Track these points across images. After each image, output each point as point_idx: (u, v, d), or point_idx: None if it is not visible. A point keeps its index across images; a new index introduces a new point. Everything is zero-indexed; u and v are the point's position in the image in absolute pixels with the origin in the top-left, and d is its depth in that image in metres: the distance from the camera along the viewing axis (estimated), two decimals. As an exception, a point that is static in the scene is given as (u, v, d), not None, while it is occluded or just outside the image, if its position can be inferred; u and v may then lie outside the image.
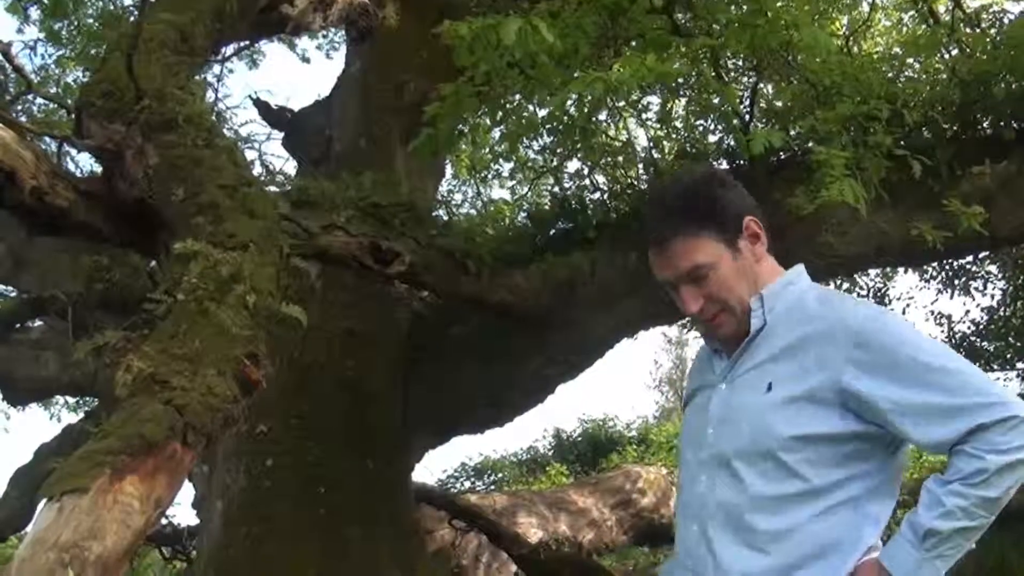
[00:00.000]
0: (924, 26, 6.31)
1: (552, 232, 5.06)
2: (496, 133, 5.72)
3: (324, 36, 9.38)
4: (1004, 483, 1.77)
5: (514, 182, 8.71)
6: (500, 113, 4.59)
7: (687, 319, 5.30)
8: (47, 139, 4.50)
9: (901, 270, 8.87)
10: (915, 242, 4.29)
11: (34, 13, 7.66)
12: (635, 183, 5.55)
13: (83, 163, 7.04)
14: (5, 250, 6.24)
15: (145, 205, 3.30)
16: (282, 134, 7.03)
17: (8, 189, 3.08)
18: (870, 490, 1.91)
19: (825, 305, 1.99)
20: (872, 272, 9.04)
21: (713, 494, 1.97)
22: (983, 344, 9.04)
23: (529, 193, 8.01)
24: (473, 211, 9.30)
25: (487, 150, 7.11)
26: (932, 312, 9.34)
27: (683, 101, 5.65)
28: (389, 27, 6.22)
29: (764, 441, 1.90)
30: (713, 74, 4.60)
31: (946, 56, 5.16)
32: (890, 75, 5.03)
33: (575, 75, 3.96)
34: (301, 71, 45.24)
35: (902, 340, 1.88)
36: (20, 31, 8.26)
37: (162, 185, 3.23)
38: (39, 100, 7.38)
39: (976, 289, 8.71)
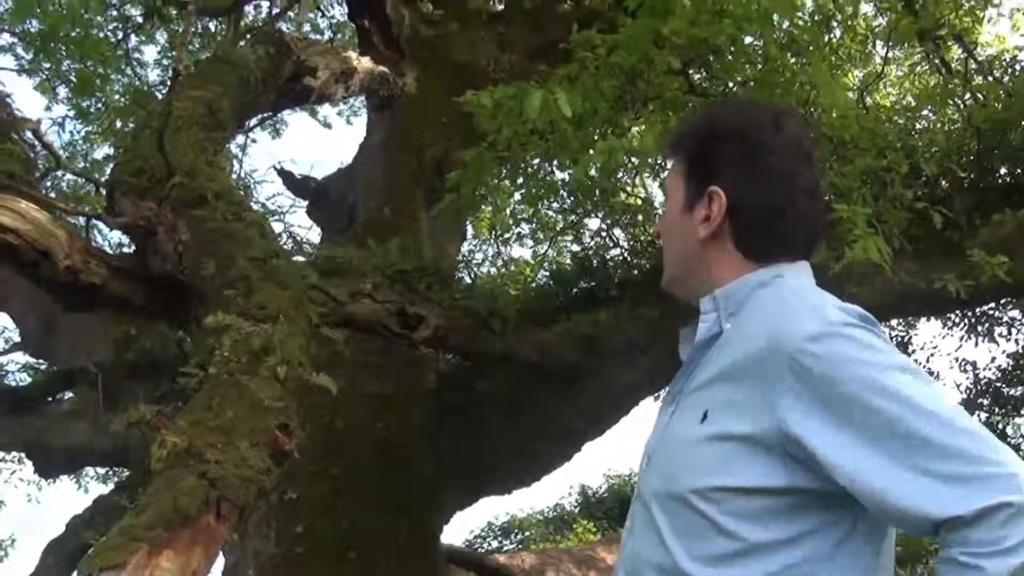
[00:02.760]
0: (937, 76, 6.36)
1: (575, 291, 5.11)
2: (516, 195, 5.80)
3: (345, 103, 9.56)
4: None
5: (534, 243, 8.78)
6: (520, 177, 4.66)
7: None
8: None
9: (924, 318, 8.82)
10: (938, 292, 4.29)
11: (62, 91, 7.86)
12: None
13: (110, 236, 7.15)
14: (36, 320, 6.33)
15: (177, 278, 3.36)
16: (305, 203, 7.14)
17: (43, 268, 3.15)
18: (827, 552, 1.33)
19: (778, 312, 1.41)
20: (894, 321, 9.00)
21: (630, 543, 1.51)
22: (1009, 391, 8.94)
23: (550, 251, 8.07)
24: (494, 270, 9.36)
25: (508, 212, 7.18)
26: (956, 359, 9.28)
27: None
28: (409, 93, 6.33)
29: (681, 484, 1.41)
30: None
31: (960, 105, 5.20)
32: (905, 125, 5.08)
33: (595, 138, 4.02)
34: (322, 136, 45.85)
35: (860, 366, 1.28)
36: (49, 108, 8.46)
37: (194, 259, 3.29)
38: (68, 176, 7.53)
39: (1000, 335, 8.64)
